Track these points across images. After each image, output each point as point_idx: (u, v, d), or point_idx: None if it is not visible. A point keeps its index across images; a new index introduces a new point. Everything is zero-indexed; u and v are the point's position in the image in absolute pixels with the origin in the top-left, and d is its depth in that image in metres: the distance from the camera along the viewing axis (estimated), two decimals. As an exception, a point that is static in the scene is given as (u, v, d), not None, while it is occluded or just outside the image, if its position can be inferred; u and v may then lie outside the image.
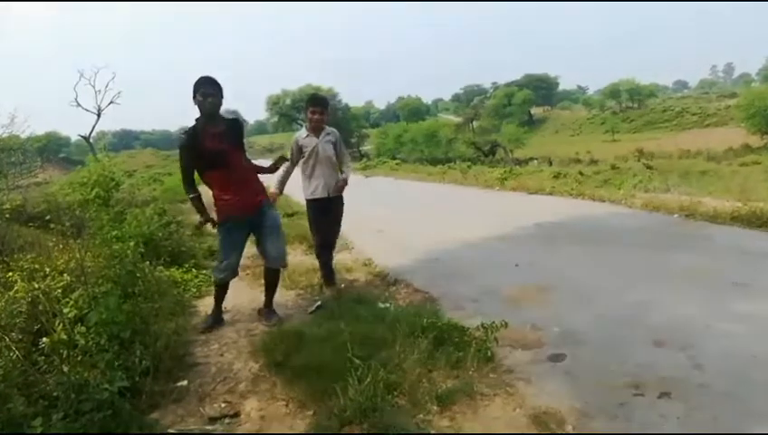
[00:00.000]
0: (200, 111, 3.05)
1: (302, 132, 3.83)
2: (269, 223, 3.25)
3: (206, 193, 3.25)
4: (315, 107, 3.74)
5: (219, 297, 3.38)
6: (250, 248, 3.57)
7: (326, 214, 3.87)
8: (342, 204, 3.96)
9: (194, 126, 3.09)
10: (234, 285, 3.52)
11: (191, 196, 3.18)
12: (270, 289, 3.42)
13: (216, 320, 3.35)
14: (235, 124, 3.20)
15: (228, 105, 3.03)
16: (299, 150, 3.81)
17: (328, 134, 3.81)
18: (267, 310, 3.43)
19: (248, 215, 3.18)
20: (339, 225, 4.02)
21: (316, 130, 3.76)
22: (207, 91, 3.00)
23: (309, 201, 3.88)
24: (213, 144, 3.03)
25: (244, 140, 3.32)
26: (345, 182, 3.87)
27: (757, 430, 1.99)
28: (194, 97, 3.02)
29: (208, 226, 3.24)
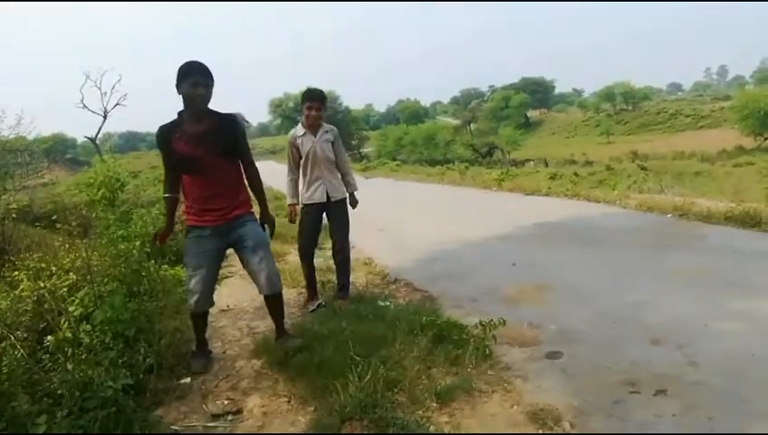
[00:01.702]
0: (185, 103, 2.51)
1: (298, 130, 3.51)
2: (250, 241, 2.65)
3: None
4: (312, 102, 3.42)
5: (197, 329, 2.80)
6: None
7: (320, 220, 3.59)
8: (346, 211, 3.65)
9: (171, 121, 2.56)
10: (233, 283, 3.51)
11: (165, 195, 2.73)
12: (276, 316, 2.89)
13: (206, 357, 2.81)
14: (226, 125, 2.59)
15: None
16: (297, 150, 3.50)
17: (326, 132, 3.50)
18: (283, 336, 2.91)
19: (221, 226, 2.63)
20: (344, 237, 3.66)
21: (313, 127, 3.46)
22: (198, 80, 2.45)
23: (306, 205, 3.55)
24: (185, 147, 2.50)
25: (247, 143, 2.77)
26: (355, 199, 3.69)
27: (753, 428, 2.01)
28: (178, 86, 2.47)
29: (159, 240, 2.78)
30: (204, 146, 2.50)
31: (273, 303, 2.85)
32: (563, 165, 28.23)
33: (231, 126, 2.61)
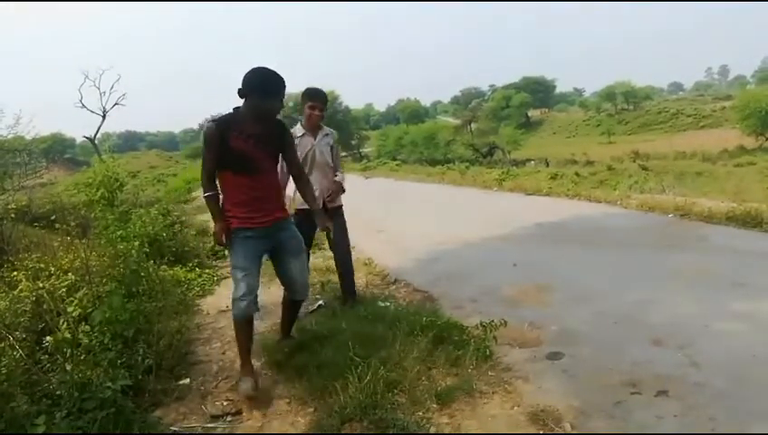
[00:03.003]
0: (257, 112, 2.46)
1: (297, 130, 3.32)
2: (292, 246, 2.66)
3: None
4: (315, 102, 3.27)
5: (244, 342, 2.58)
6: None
7: (315, 228, 3.19)
8: (343, 218, 3.47)
9: (227, 115, 2.50)
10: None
11: (207, 194, 2.56)
12: (291, 319, 2.96)
13: (255, 381, 2.53)
14: (279, 130, 2.62)
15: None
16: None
17: (326, 135, 3.36)
18: (288, 338, 2.97)
19: (268, 227, 2.58)
20: (345, 245, 3.47)
21: (314, 128, 3.32)
22: (282, 97, 2.49)
23: (298, 211, 3.26)
24: (246, 146, 2.45)
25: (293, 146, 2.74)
26: (341, 187, 3.45)
27: (754, 428, 2.01)
28: (263, 96, 2.42)
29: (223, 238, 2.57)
30: (264, 147, 2.51)
31: (296, 307, 2.94)
32: (564, 165, 28.17)
33: (282, 132, 2.65)
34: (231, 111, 2.52)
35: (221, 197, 2.59)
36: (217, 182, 2.57)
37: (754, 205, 5.87)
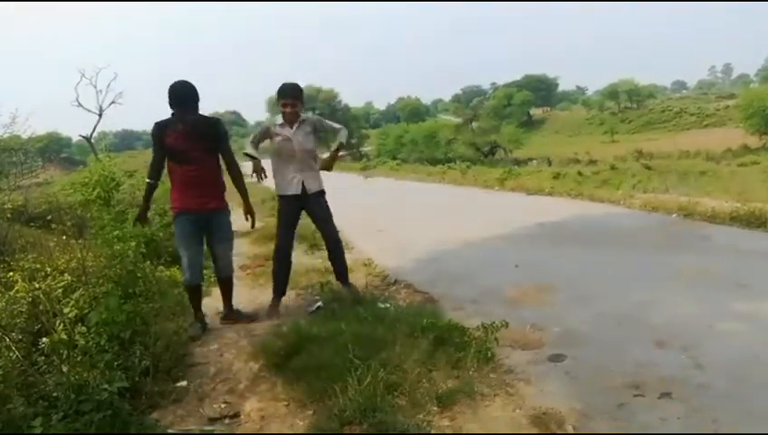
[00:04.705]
0: (179, 113, 3.11)
1: (279, 119, 3.53)
2: (221, 234, 3.29)
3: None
4: (285, 99, 3.41)
5: (192, 300, 3.28)
6: (251, 247, 3.55)
7: (297, 215, 3.57)
8: (325, 200, 3.59)
9: (167, 119, 3.15)
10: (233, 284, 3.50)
11: (148, 181, 3.21)
12: (227, 295, 3.43)
13: (203, 325, 3.25)
14: (209, 126, 3.20)
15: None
16: (268, 136, 3.51)
17: (303, 123, 3.47)
18: (231, 312, 3.44)
19: (201, 213, 3.17)
20: (331, 225, 3.61)
21: (290, 121, 3.47)
22: (196, 107, 3.17)
23: (281, 198, 3.54)
24: (176, 141, 3.08)
25: (229, 143, 3.32)
26: (337, 152, 3.62)
27: (758, 431, 1.99)
28: (183, 105, 3.11)
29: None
30: (193, 141, 3.10)
31: (227, 283, 3.41)
32: (567, 164, 28.07)
33: (213, 127, 3.23)
34: (171, 115, 3.11)
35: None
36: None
37: (758, 205, 5.85)
